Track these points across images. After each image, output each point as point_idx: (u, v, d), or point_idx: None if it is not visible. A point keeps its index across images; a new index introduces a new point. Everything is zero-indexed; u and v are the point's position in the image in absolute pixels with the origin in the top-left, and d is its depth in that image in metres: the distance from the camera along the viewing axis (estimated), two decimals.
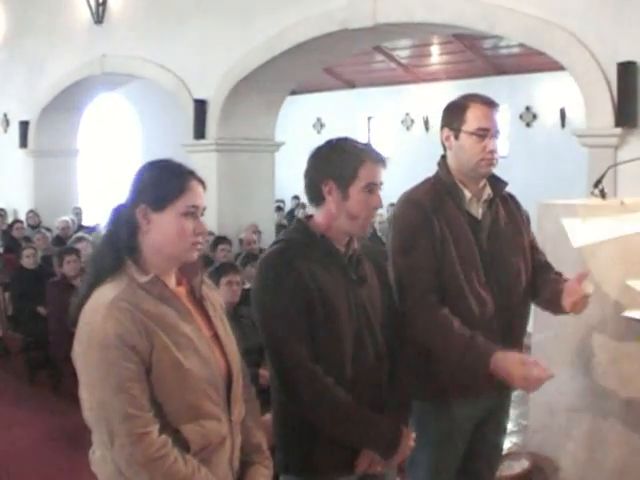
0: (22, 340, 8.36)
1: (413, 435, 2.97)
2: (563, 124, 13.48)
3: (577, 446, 4.25)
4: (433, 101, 15.53)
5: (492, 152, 3.30)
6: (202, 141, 10.11)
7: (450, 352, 3.16)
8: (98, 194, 15.80)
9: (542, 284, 3.41)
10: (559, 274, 3.45)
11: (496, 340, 3.21)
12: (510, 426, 6.34)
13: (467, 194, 3.36)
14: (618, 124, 6.46)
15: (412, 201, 3.35)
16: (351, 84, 17.25)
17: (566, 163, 11.78)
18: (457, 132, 3.32)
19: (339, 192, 2.93)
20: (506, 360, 3.07)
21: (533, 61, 12.91)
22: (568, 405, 4.24)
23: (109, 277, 2.44)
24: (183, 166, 2.54)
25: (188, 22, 10.16)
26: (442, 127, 3.40)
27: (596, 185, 4.60)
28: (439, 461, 3.35)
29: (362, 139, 11.96)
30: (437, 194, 3.34)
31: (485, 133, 3.27)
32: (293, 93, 11.06)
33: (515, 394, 3.67)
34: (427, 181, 3.46)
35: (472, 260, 3.28)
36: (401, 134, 16.79)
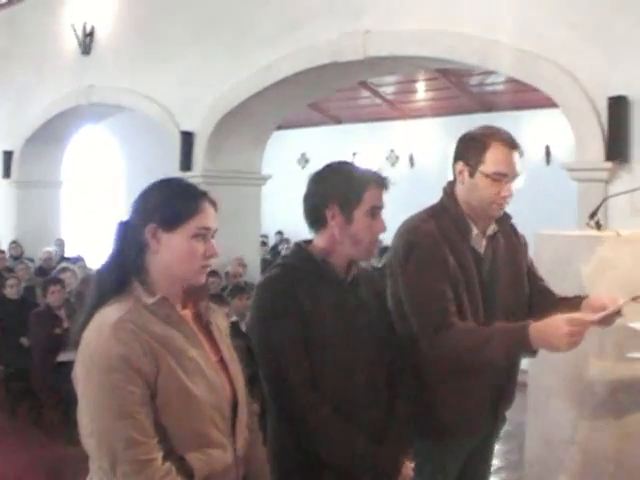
0: (3, 371, 8.25)
1: (412, 466, 2.91)
2: (548, 161, 13.54)
3: (574, 479, 4.19)
4: (418, 138, 15.61)
5: (505, 197, 3.21)
6: (188, 173, 10.03)
7: (489, 349, 3.02)
8: (81, 226, 15.69)
9: (551, 306, 3.30)
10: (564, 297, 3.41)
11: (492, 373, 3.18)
12: (498, 462, 6.32)
13: (474, 230, 3.27)
14: (609, 158, 6.47)
15: (423, 229, 3.23)
16: (336, 120, 17.28)
17: (551, 200, 11.82)
18: (473, 170, 3.19)
19: (343, 216, 2.88)
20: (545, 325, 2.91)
21: (519, 98, 13.00)
22: (565, 437, 4.18)
23: (113, 298, 2.37)
24: (195, 186, 2.50)
25: (176, 53, 10.15)
26: (457, 159, 3.27)
27: (591, 217, 4.59)
28: None
29: None
30: (444, 224, 3.25)
31: (502, 178, 3.16)
32: (278, 128, 11.02)
33: (503, 430, 3.63)
34: (432, 209, 3.36)
35: (475, 292, 3.22)
36: (386, 170, 16.69)
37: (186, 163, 10.05)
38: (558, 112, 10.92)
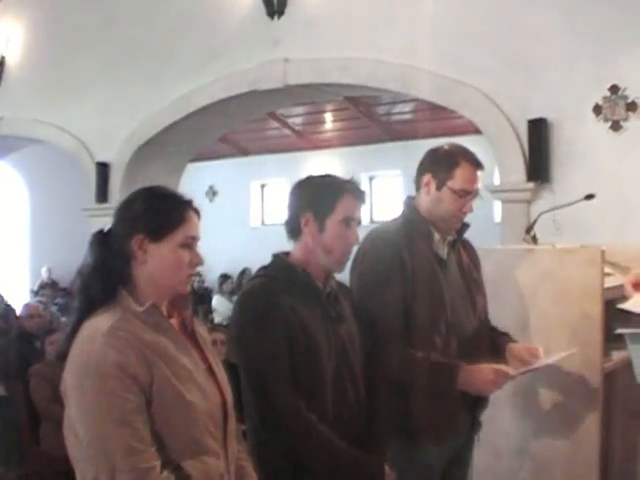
0: None
1: (393, 473, 2.94)
2: None
3: None
4: (328, 168, 15.68)
5: (466, 212, 3.40)
6: (104, 205, 9.89)
7: (420, 378, 3.17)
8: None
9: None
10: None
11: None
12: None
13: (436, 235, 3.43)
14: (530, 179, 6.67)
15: (383, 238, 3.37)
16: (244, 151, 17.30)
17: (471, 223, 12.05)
18: (441, 184, 3.40)
19: (316, 224, 2.93)
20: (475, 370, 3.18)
21: (428, 127, 13.24)
22: (513, 446, 4.28)
23: (100, 308, 2.35)
24: (180, 195, 2.50)
25: (91, 83, 9.97)
26: (425, 171, 3.47)
27: (527, 231, 4.80)
28: None
29: (255, 207, 12.04)
30: (407, 232, 3.38)
31: (466, 195, 3.36)
32: None
33: None
34: (395, 220, 3.51)
35: (440, 298, 3.34)
36: None
37: (102, 194, 9.88)
38: (467, 139, 11.29)
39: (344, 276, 3.24)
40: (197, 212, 2.48)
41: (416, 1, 7.23)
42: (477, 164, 3.41)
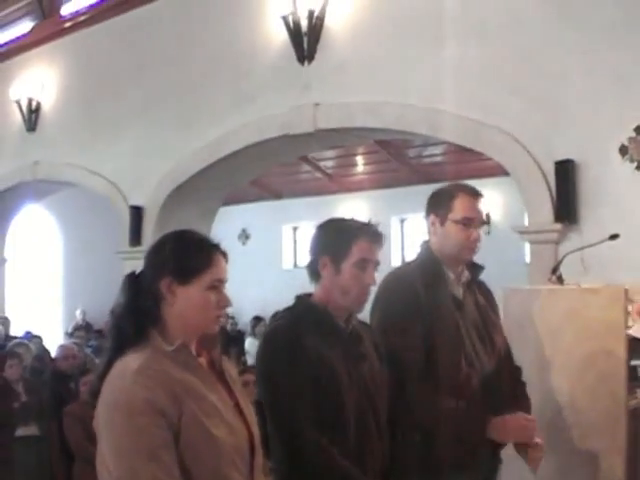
0: None
1: None
2: (488, 230, 13.85)
3: None
4: (358, 210, 15.80)
5: (475, 241, 3.48)
6: (138, 248, 10.04)
7: (446, 425, 3.23)
8: (24, 304, 15.52)
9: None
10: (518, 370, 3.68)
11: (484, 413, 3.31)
12: None
13: (451, 275, 3.51)
14: (558, 220, 6.70)
15: (401, 279, 3.46)
16: (277, 195, 17.45)
17: (491, 267, 12.07)
18: (443, 219, 3.52)
19: (333, 267, 3.01)
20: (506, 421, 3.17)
21: (457, 169, 13.34)
22: None
23: (132, 347, 2.44)
24: (207, 238, 2.59)
25: (123, 128, 10.23)
26: (428, 213, 3.61)
27: (553, 272, 4.85)
28: None
29: (287, 250, 12.10)
30: (423, 273, 3.47)
31: (470, 222, 3.47)
32: None
33: None
34: (412, 262, 3.61)
35: (459, 338, 3.41)
36: None
37: (136, 238, 10.05)
38: (496, 181, 11.37)
39: (365, 315, 3.31)
40: (224, 255, 2.57)
41: (441, 44, 7.34)
42: (474, 193, 3.54)
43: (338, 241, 3.03)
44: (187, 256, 2.50)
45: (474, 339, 3.47)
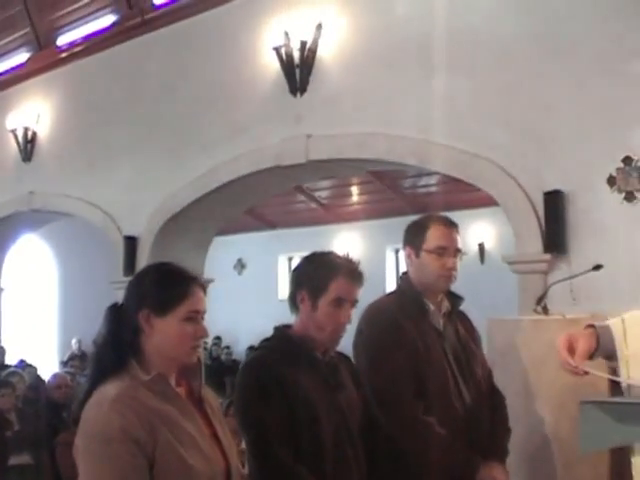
0: None
1: None
2: (482, 259, 13.90)
3: None
4: (353, 240, 15.88)
5: (450, 269, 3.52)
6: (132, 278, 10.05)
7: (446, 460, 3.26)
8: (20, 333, 15.53)
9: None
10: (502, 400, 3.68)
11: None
12: None
13: (431, 306, 3.54)
14: (547, 250, 6.73)
15: (382, 310, 3.50)
16: (272, 224, 17.51)
17: (487, 296, 12.10)
18: (418, 250, 3.59)
19: (310, 302, 3.05)
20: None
21: (451, 199, 13.37)
22: None
23: (111, 376, 2.49)
24: (185, 271, 2.64)
25: (117, 159, 10.28)
26: (404, 245, 3.69)
27: (538, 302, 4.89)
28: None
29: (283, 280, 12.12)
30: (402, 304, 3.51)
31: (443, 251, 3.54)
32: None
33: None
34: (391, 294, 3.66)
35: (442, 367, 3.43)
36: None
37: (130, 268, 10.05)
38: (490, 210, 11.42)
39: (344, 346, 3.33)
40: (202, 287, 2.62)
41: (431, 76, 7.41)
42: (447, 223, 3.60)
43: (317, 277, 3.07)
44: (164, 288, 2.55)
45: (455, 370, 3.50)
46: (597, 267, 4.87)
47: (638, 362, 2.63)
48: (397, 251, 15.77)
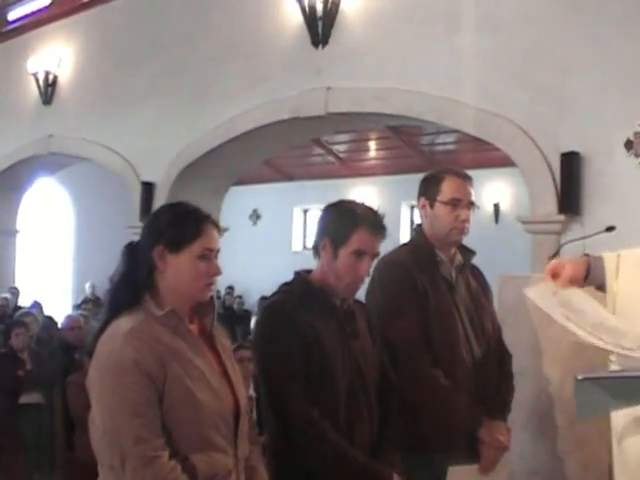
0: None
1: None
2: (497, 219, 13.90)
3: None
4: (369, 195, 15.86)
5: (464, 221, 3.55)
6: None
7: (450, 412, 3.34)
8: (34, 275, 15.68)
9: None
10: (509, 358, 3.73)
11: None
12: None
13: (443, 258, 3.58)
14: (561, 211, 6.77)
15: (395, 263, 3.54)
16: (288, 176, 17.48)
17: (501, 256, 12.16)
18: (432, 201, 3.59)
19: (331, 250, 3.08)
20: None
21: (468, 158, 13.35)
22: (528, 468, 4.38)
23: (126, 311, 2.56)
24: (199, 210, 2.68)
25: (138, 105, 10.32)
26: (419, 196, 3.68)
27: (551, 259, 4.89)
28: None
29: (297, 232, 12.15)
30: (415, 256, 3.55)
31: (458, 203, 3.54)
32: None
33: None
34: (404, 246, 3.69)
35: (453, 320, 3.48)
36: None
37: (146, 213, 10.10)
38: (506, 171, 11.42)
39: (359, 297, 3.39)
40: (216, 226, 2.67)
41: (452, 35, 7.42)
42: (462, 175, 3.60)
43: (340, 226, 3.08)
44: (178, 225, 2.59)
45: (465, 322, 3.54)
46: (610, 228, 4.87)
47: (625, 299, 2.62)
48: (412, 207, 15.77)
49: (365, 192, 15.94)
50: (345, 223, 3.07)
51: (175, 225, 2.59)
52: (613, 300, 2.67)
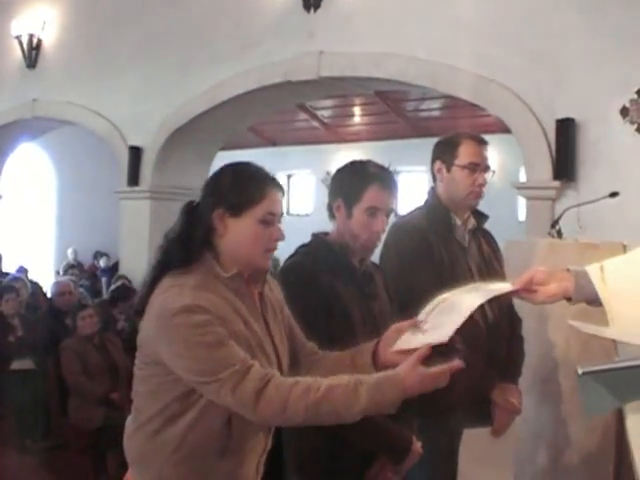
0: None
1: (419, 443, 3.10)
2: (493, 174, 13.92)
3: (540, 471, 4.43)
4: (346, 162, 15.82)
5: (481, 185, 3.56)
6: (136, 188, 10.09)
7: (465, 374, 3.33)
8: (16, 240, 15.58)
9: None
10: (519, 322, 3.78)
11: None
12: None
13: (457, 221, 3.59)
14: (556, 177, 6.78)
15: (410, 226, 3.55)
16: (272, 142, 17.44)
17: (494, 224, 12.20)
18: (449, 165, 3.60)
19: (345, 210, 3.09)
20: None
21: (454, 124, 13.34)
22: (531, 431, 4.43)
23: (176, 270, 2.48)
24: (263, 172, 2.58)
25: (125, 69, 10.18)
26: (434, 160, 3.69)
27: (553, 226, 4.94)
28: (434, 477, 3.48)
29: None
30: (430, 219, 3.56)
31: (476, 167, 3.56)
32: None
33: None
34: (419, 209, 3.69)
35: (466, 283, 3.48)
36: (321, 192, 17.01)
37: (134, 178, 10.07)
38: (494, 137, 11.37)
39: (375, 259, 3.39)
40: (281, 189, 2.58)
41: (448, 0, 7.36)
42: (479, 140, 3.63)
43: (352, 185, 3.10)
44: (240, 189, 2.50)
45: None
46: (613, 194, 4.91)
47: (619, 300, 2.58)
48: (397, 174, 15.75)
49: (350, 157, 15.68)
50: (357, 181, 3.10)
51: (238, 187, 2.51)
52: (609, 304, 2.59)
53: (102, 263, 15.88)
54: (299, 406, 2.28)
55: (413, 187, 15.26)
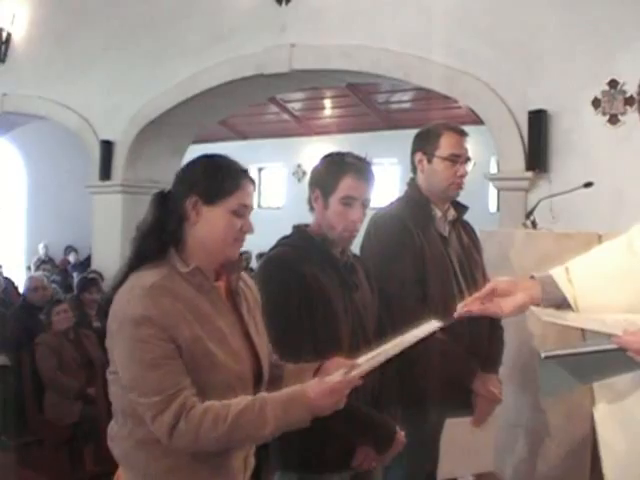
0: None
1: (403, 432, 3.12)
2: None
3: (519, 460, 4.47)
4: (324, 154, 15.82)
5: (462, 177, 3.58)
6: (108, 182, 10.05)
7: (446, 364, 3.38)
8: None
9: None
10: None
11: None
12: None
13: (438, 213, 3.62)
14: (529, 168, 6.83)
15: (391, 215, 3.57)
16: (243, 135, 17.40)
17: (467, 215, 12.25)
18: (431, 157, 3.61)
19: (322, 201, 3.11)
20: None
21: (425, 116, 13.36)
22: (510, 420, 4.46)
23: (149, 263, 2.49)
24: (237, 164, 2.59)
25: (95, 62, 10.12)
26: (415, 151, 3.69)
27: (527, 216, 4.98)
28: (415, 467, 3.50)
29: None
30: (410, 210, 3.58)
31: (457, 159, 3.58)
32: None
33: None
34: (399, 200, 3.71)
35: (447, 273, 3.52)
36: (292, 185, 17.05)
37: (106, 172, 10.03)
38: (466, 129, 11.46)
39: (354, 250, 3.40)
40: (253, 182, 2.59)
41: None
42: (460, 131, 3.64)
43: (328, 176, 3.13)
44: (216, 178, 2.50)
45: (459, 276, 3.59)
46: (588, 184, 4.94)
47: (587, 299, 2.57)
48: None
49: (321, 150, 15.78)
50: (333, 172, 3.12)
51: (212, 177, 2.51)
52: (575, 302, 2.57)
53: (72, 258, 15.78)
54: (210, 437, 2.33)
55: (384, 179, 15.31)
